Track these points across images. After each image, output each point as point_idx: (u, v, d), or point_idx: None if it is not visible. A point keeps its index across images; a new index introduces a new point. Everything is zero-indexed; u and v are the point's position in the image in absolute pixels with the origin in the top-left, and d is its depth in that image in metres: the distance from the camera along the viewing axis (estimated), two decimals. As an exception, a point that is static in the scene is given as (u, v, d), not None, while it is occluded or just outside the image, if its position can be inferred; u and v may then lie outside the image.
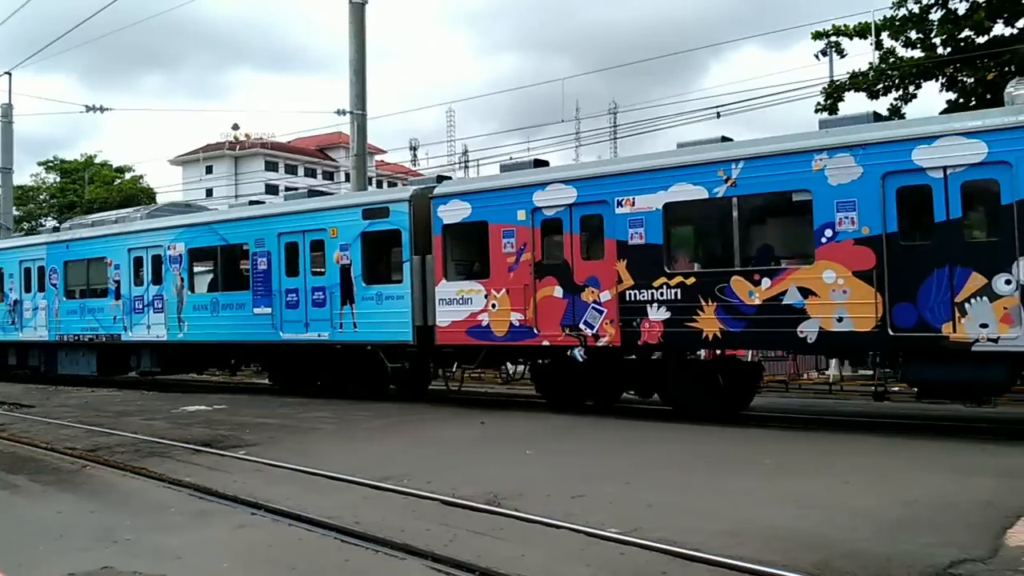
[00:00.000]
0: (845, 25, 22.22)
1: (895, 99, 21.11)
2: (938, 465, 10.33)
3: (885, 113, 20.84)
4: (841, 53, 23.39)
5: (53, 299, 25.25)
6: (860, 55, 48.79)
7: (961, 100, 20.23)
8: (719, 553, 6.76)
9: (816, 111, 22.29)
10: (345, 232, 18.20)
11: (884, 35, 21.42)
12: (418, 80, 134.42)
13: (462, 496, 8.96)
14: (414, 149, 58.24)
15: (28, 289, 26.37)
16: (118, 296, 23.14)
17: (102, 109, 31.35)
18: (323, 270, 18.67)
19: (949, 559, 6.50)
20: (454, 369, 18.57)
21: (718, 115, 24.50)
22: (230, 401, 19.49)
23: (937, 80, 20.90)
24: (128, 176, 68.69)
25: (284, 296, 19.19)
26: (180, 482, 10.46)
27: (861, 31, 21.93)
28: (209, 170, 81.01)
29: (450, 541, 7.42)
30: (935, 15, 20.53)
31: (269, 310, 19.39)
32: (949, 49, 20.45)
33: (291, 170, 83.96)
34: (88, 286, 24.47)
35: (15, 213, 37.42)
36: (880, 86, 21.21)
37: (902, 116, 20.38)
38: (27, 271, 26.51)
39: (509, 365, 19.48)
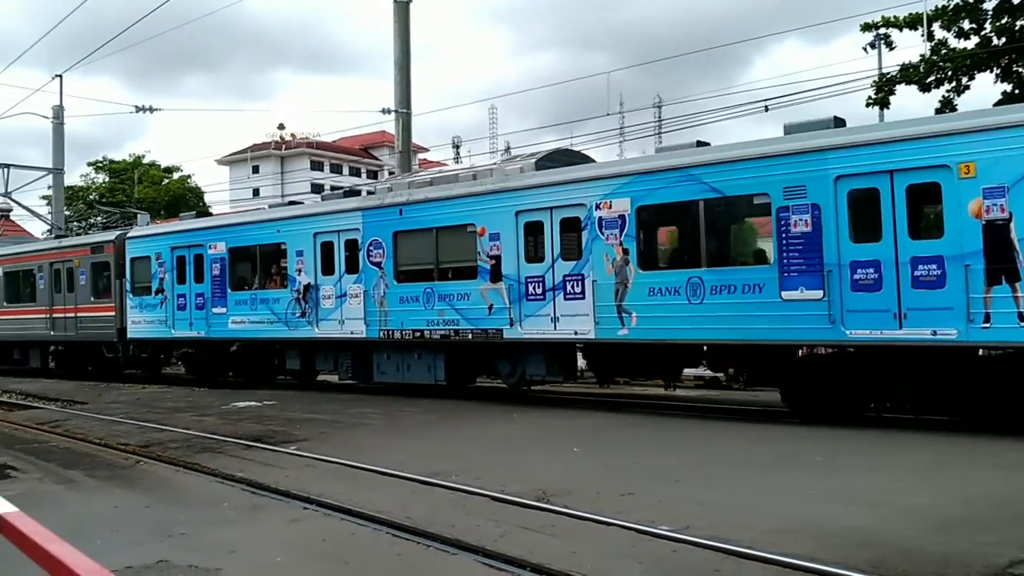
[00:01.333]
0: (895, 16, 21.87)
1: (947, 91, 20.75)
2: (993, 463, 10.13)
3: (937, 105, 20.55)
4: (890, 45, 23.05)
5: (376, 283, 18.98)
6: (910, 47, 48.09)
7: (1017, 91, 19.82)
8: (772, 551, 6.70)
9: (867, 105, 22.04)
10: (995, 168, 11.60)
11: (935, 26, 21.06)
12: (456, 78, 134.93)
13: (511, 492, 8.98)
14: (457, 147, 58.28)
15: (329, 271, 20.02)
16: (496, 277, 16.93)
17: (151, 109, 31.96)
18: (938, 229, 12.39)
19: (1008, 559, 6.39)
20: None
21: (766, 108, 24.12)
22: (279, 397, 19.69)
23: (991, 71, 20.51)
24: (176, 176, 69.93)
25: (848, 271, 12.80)
26: (233, 477, 10.63)
27: (911, 22, 21.57)
28: (256, 170, 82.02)
29: (500, 537, 7.45)
30: (989, 4, 20.14)
31: (819, 294, 13.01)
32: (1004, 39, 20.04)
33: (336, 169, 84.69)
34: (438, 265, 18.20)
35: (65, 213, 38.19)
36: (932, 78, 20.86)
37: (954, 109, 20.07)
38: (326, 247, 20.14)
39: None
